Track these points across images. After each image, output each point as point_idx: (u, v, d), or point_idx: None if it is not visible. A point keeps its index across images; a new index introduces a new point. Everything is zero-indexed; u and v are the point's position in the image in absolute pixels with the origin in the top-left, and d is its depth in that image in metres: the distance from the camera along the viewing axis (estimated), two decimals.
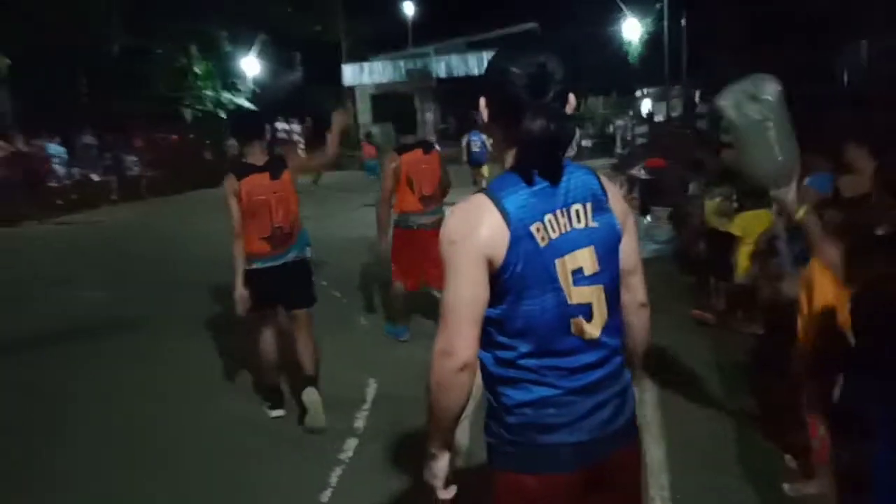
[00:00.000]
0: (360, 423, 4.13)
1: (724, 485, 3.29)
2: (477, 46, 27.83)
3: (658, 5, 25.72)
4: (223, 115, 25.52)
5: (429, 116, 28.15)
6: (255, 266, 4.05)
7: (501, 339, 1.64)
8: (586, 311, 1.64)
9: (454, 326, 1.59)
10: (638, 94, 29.59)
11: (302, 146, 20.93)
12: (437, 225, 3.63)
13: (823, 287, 2.94)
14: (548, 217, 1.61)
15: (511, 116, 1.57)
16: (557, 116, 1.58)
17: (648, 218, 8.72)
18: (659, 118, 19.40)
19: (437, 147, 5.74)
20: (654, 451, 3.62)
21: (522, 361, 1.63)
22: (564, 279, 1.62)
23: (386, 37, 30.18)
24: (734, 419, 3.92)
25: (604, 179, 1.73)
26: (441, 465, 1.69)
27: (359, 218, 11.07)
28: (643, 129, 17.33)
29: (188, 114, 24.24)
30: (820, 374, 2.97)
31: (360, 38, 30.18)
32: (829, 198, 3.62)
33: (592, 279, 1.64)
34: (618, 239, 1.70)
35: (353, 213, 12.46)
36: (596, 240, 1.65)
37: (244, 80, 27.99)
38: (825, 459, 3.02)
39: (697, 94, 24.48)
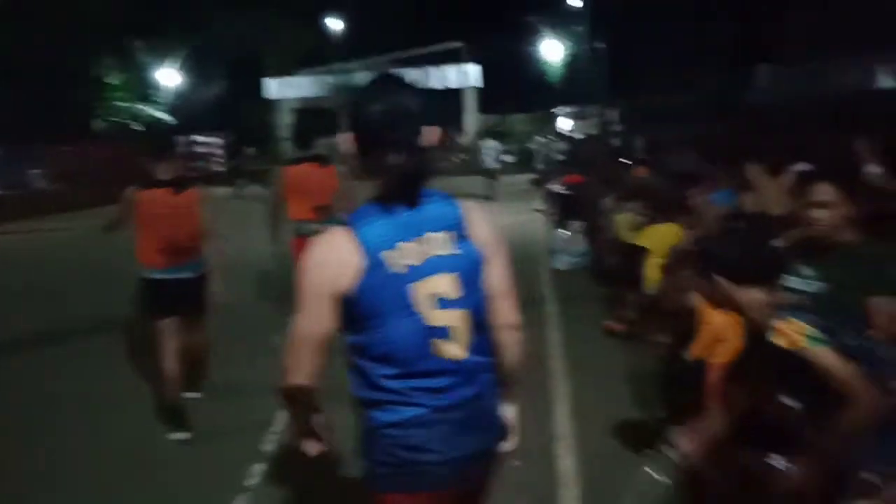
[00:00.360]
0: (268, 447, 3.98)
1: (634, 492, 3.33)
2: (403, 63, 27.99)
3: (580, 28, 26.61)
4: (139, 127, 24.67)
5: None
6: (150, 276, 4.21)
7: (365, 363, 1.71)
8: (446, 333, 1.70)
9: (293, 354, 1.73)
10: (557, 111, 30.38)
11: (222, 160, 20.44)
12: None
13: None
14: (403, 245, 1.66)
15: (371, 151, 1.69)
16: (413, 150, 1.67)
17: (565, 232, 8.88)
18: (578, 136, 19.96)
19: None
20: (567, 461, 3.64)
21: (387, 383, 1.70)
22: (422, 303, 1.67)
23: (311, 52, 29.96)
24: (645, 427, 3.99)
25: (467, 209, 1.80)
26: (310, 448, 1.75)
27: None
28: (562, 145, 17.77)
29: (101, 126, 23.23)
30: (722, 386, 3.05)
31: (285, 53, 29.83)
32: (731, 212, 3.78)
33: (455, 303, 1.70)
34: (478, 265, 1.75)
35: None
36: (457, 267, 1.71)
37: (163, 91, 27.17)
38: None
39: (616, 113, 25.38)
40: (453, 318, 1.70)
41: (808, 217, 2.48)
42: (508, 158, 24.38)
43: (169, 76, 27.41)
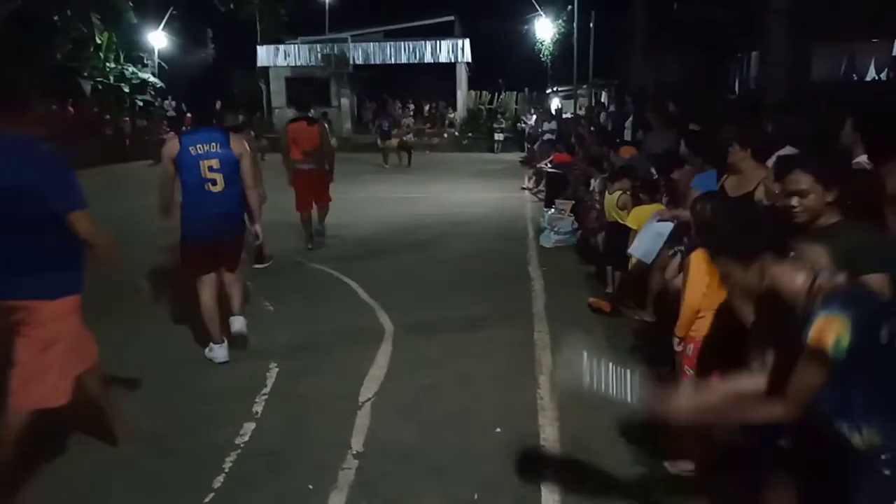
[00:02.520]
0: (258, 408, 4.07)
1: (615, 463, 3.46)
2: (395, 35, 27.71)
3: (569, 7, 26.42)
4: (126, 88, 24.27)
5: (344, 102, 27.82)
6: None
7: (184, 190, 4.52)
8: (213, 181, 4.49)
9: (159, 190, 4.63)
10: (549, 91, 30.29)
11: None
12: (315, 170, 8.16)
13: (697, 279, 3.13)
14: (198, 144, 4.48)
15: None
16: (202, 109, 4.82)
17: (552, 210, 8.96)
18: (567, 115, 19.95)
19: (322, 122, 9.05)
20: (549, 432, 3.76)
21: (187, 201, 4.53)
22: (202, 168, 4.47)
23: (303, 20, 29.53)
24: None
25: (232, 136, 4.67)
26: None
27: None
28: (552, 125, 17.78)
29: (87, 86, 22.83)
30: (700, 362, 3.18)
31: (276, 20, 29.39)
32: (708, 194, 3.86)
33: (217, 170, 4.49)
34: (234, 159, 4.57)
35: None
36: (219, 156, 4.50)
37: (150, 53, 26.72)
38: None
39: (604, 93, 25.34)
40: (216, 175, 4.49)
41: (787, 205, 2.47)
42: (499, 137, 24.38)
43: (158, 38, 26.97)
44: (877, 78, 14.55)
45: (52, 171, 2.97)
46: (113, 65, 23.96)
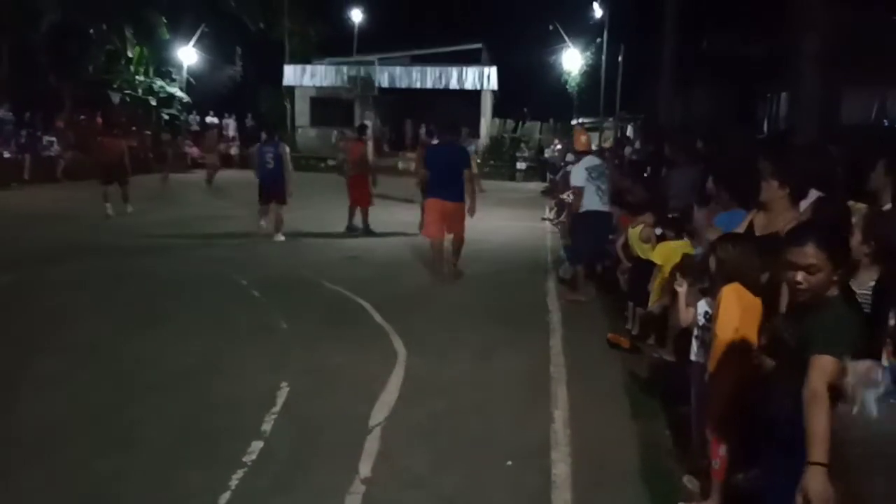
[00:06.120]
0: (266, 427, 4.00)
1: (624, 502, 3.35)
2: (422, 60, 27.98)
3: (598, 40, 26.58)
4: (153, 102, 24.67)
5: (367, 123, 28.00)
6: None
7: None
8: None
9: None
10: (574, 122, 30.38)
11: (237, 143, 20.44)
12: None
13: (729, 314, 3.04)
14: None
15: None
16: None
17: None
18: (592, 147, 19.93)
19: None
20: (561, 468, 3.65)
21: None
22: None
23: (330, 42, 29.96)
24: (641, 440, 4.01)
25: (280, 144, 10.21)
26: None
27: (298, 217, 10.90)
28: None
29: (116, 98, 23.25)
30: (726, 397, 3.08)
31: (304, 40, 29.84)
32: (743, 234, 3.77)
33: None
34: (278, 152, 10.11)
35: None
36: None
37: (179, 69, 27.18)
38: (722, 478, 3.12)
39: (630, 127, 25.35)
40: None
41: (792, 279, 2.30)
42: (521, 166, 24.39)
43: (187, 54, 27.46)
44: None
45: None
46: (142, 78, 24.40)
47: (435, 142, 9.58)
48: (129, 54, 23.57)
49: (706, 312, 3.43)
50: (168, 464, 3.55)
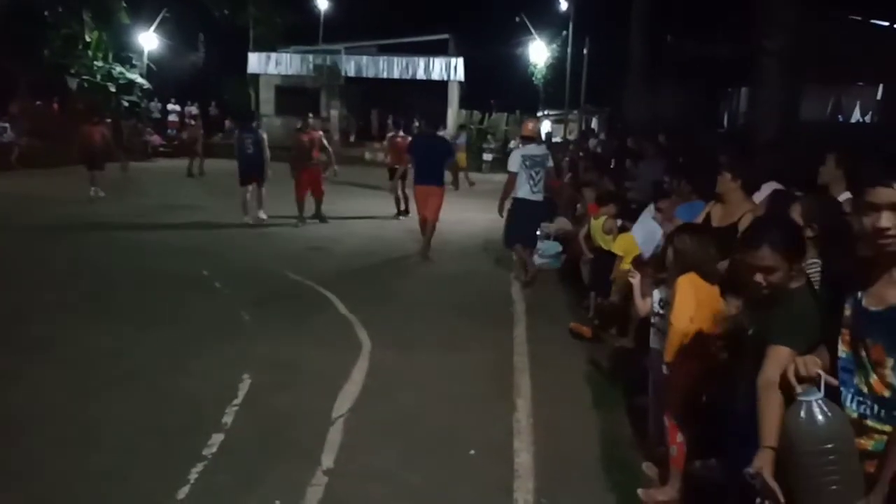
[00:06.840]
0: (227, 419, 3.96)
1: (586, 490, 3.40)
2: (389, 50, 27.78)
3: (564, 32, 26.72)
4: (113, 88, 24.05)
5: (333, 113, 27.77)
6: None
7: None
8: None
9: None
10: (539, 114, 30.52)
11: (201, 130, 19.97)
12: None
13: (684, 304, 3.09)
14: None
15: None
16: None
17: (538, 233, 8.92)
18: (557, 139, 20.07)
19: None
20: (524, 457, 3.69)
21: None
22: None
23: (296, 30, 29.52)
24: (602, 429, 4.07)
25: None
26: None
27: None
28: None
29: (74, 84, 22.58)
30: (684, 386, 3.14)
31: (270, 27, 29.35)
32: (699, 225, 3.85)
33: None
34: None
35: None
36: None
37: (140, 54, 26.53)
38: (680, 465, 3.19)
39: (594, 119, 25.58)
40: None
41: (752, 279, 2.33)
42: (487, 157, 24.45)
43: (148, 39, 26.82)
44: (861, 120, 14.82)
45: None
46: (101, 63, 23.73)
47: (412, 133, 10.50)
48: (87, 39, 22.87)
49: (661, 300, 3.49)
50: (126, 459, 3.49)
